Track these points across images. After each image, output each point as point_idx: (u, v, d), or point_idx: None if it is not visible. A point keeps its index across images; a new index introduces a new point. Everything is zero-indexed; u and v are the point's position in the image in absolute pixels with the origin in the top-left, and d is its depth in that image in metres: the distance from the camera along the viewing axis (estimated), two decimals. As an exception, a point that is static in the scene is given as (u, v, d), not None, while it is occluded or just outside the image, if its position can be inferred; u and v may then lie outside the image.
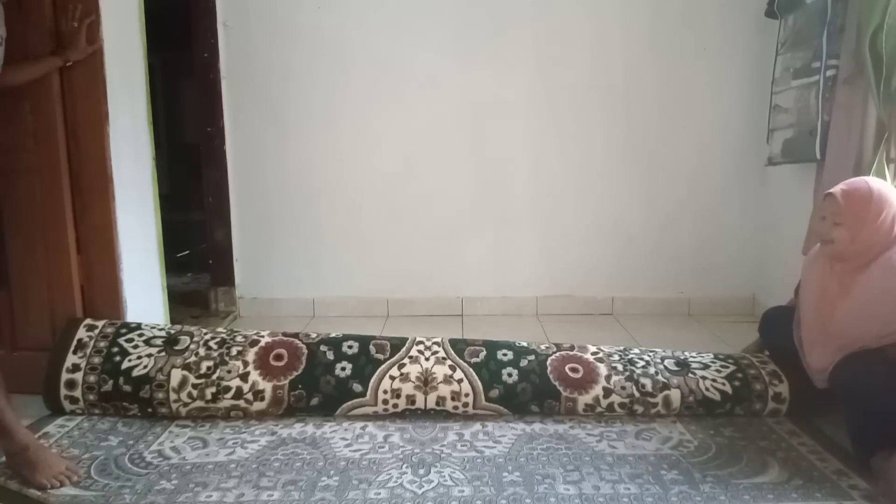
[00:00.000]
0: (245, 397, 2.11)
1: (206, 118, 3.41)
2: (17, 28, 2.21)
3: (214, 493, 1.67)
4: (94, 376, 2.14)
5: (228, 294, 3.55)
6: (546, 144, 3.45)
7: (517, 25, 3.35)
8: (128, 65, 2.51)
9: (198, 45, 3.36)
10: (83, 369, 2.15)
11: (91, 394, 2.12)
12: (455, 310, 3.55)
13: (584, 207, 3.49)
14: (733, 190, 3.48)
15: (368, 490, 1.68)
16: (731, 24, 3.34)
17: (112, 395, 2.12)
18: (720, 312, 3.50)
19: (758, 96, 3.30)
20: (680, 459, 1.86)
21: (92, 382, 2.13)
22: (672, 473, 1.78)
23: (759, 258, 3.48)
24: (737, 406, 2.14)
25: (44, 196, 2.28)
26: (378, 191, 3.48)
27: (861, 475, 1.76)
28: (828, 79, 2.61)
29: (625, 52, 3.37)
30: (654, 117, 3.42)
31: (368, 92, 3.39)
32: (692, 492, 1.68)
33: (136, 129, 2.57)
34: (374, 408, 2.12)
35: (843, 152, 2.48)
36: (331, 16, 3.33)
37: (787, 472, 1.79)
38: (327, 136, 3.43)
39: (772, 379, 2.18)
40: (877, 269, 1.80)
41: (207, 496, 1.66)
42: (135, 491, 1.68)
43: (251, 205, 3.51)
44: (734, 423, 2.10)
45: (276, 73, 3.38)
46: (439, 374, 2.16)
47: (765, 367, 2.22)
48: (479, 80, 3.39)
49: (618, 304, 3.56)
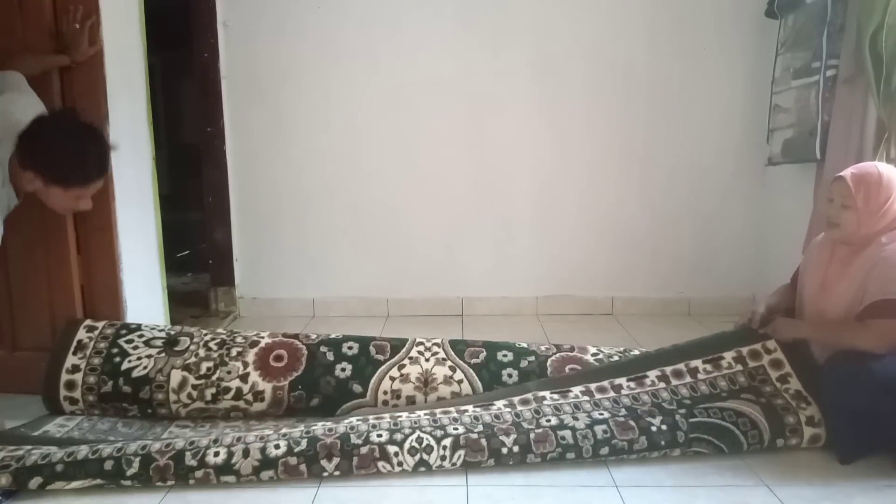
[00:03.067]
0: (245, 398, 2.11)
1: (206, 118, 3.41)
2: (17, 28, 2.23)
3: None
4: (93, 377, 2.14)
5: (228, 294, 3.55)
6: (546, 144, 3.45)
7: (517, 26, 3.35)
8: (128, 65, 2.51)
9: (198, 45, 3.36)
10: (83, 370, 2.15)
11: (91, 395, 2.12)
12: (455, 310, 3.55)
13: (584, 207, 3.49)
14: (733, 190, 3.48)
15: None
16: (731, 24, 3.34)
17: (112, 395, 2.12)
18: (720, 312, 3.49)
19: (758, 96, 3.30)
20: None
21: (92, 383, 2.13)
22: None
23: (759, 258, 3.48)
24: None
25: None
26: (378, 191, 3.48)
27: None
28: (828, 79, 2.61)
29: (625, 52, 3.37)
30: (654, 117, 3.42)
31: (368, 92, 3.39)
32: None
33: (136, 129, 2.57)
34: (375, 409, 2.12)
35: (843, 152, 2.48)
36: (331, 16, 3.33)
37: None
38: (327, 136, 3.43)
39: (798, 403, 1.95)
40: (870, 250, 1.83)
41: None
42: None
43: (251, 205, 3.51)
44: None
45: (276, 73, 3.38)
46: (439, 375, 2.16)
47: (787, 390, 1.99)
48: (479, 80, 3.38)
49: (618, 304, 3.56)
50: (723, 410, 1.92)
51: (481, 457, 1.80)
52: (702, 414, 1.91)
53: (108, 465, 1.71)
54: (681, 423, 1.88)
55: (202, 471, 1.72)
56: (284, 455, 1.76)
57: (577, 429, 1.85)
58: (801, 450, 1.93)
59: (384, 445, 1.79)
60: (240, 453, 1.75)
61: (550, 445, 1.82)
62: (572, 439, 1.83)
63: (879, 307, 1.75)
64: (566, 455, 1.82)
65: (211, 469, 1.72)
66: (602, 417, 1.90)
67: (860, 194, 1.83)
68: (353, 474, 1.76)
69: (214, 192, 3.48)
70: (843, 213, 1.86)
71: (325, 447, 1.77)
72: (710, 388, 2.02)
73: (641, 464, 1.88)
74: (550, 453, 1.81)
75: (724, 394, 2.00)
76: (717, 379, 2.04)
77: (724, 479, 1.79)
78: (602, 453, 1.83)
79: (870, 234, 1.84)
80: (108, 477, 1.69)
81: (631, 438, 1.84)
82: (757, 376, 2.03)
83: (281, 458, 1.75)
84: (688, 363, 2.09)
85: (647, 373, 2.07)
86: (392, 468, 1.77)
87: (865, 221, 1.83)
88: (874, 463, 1.85)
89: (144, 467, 1.71)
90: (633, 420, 1.88)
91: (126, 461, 1.72)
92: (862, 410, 1.77)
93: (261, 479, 1.73)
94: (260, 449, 1.76)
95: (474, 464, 1.80)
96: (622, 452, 1.84)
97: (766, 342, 2.07)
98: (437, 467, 1.79)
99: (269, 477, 1.74)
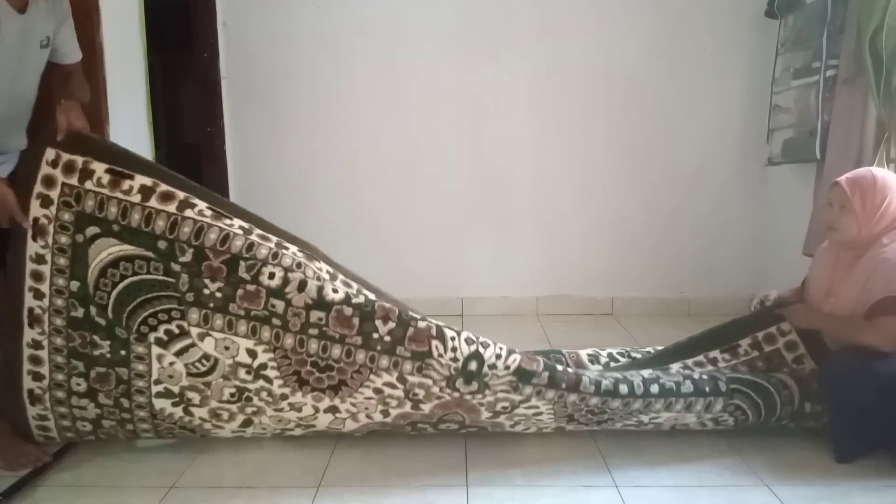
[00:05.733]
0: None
1: (206, 118, 3.41)
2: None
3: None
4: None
5: (228, 294, 3.54)
6: (546, 144, 3.44)
7: (518, 26, 3.35)
8: (128, 65, 2.52)
9: (198, 45, 3.35)
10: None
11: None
12: (455, 310, 3.55)
13: (585, 207, 3.49)
14: (733, 190, 3.48)
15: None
16: (731, 24, 3.34)
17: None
18: (720, 312, 3.47)
19: (758, 96, 3.30)
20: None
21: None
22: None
23: (759, 258, 3.48)
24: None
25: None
26: (378, 190, 3.48)
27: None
28: (828, 79, 2.61)
29: (625, 52, 3.37)
30: (654, 117, 3.42)
31: (368, 92, 3.39)
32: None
33: (136, 129, 2.58)
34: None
35: (843, 152, 2.48)
36: (331, 16, 3.33)
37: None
38: (327, 136, 3.43)
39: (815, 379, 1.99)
40: (872, 251, 1.85)
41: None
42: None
43: (251, 205, 3.43)
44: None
45: (276, 73, 3.38)
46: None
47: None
48: (479, 80, 3.38)
49: (618, 304, 3.56)
50: (756, 376, 1.96)
51: (536, 367, 1.77)
52: (737, 381, 1.94)
53: (161, 244, 1.71)
54: (720, 377, 1.93)
55: (254, 286, 1.70)
56: (341, 303, 1.73)
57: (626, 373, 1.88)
58: (802, 450, 1.94)
59: (442, 328, 1.78)
60: (296, 283, 1.72)
61: (603, 377, 1.82)
62: (622, 375, 1.85)
63: (883, 305, 1.77)
64: (619, 387, 1.80)
65: (263, 289, 1.70)
66: (647, 374, 1.91)
67: (856, 198, 1.86)
68: (403, 345, 1.72)
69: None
70: (842, 217, 1.89)
71: (383, 309, 1.75)
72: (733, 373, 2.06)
73: (642, 464, 1.88)
74: (604, 381, 1.80)
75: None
76: (736, 367, 2.08)
77: (724, 479, 1.79)
78: (653, 391, 1.83)
79: (870, 237, 1.86)
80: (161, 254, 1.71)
81: (677, 381, 1.87)
82: (773, 360, 2.07)
83: (336, 304, 1.72)
84: (707, 354, 2.12)
85: (669, 366, 2.09)
86: (444, 351, 1.73)
87: (864, 224, 1.86)
88: (874, 463, 1.85)
89: (198, 260, 1.71)
90: (677, 375, 1.93)
91: (179, 248, 1.71)
92: (862, 410, 1.79)
93: (309, 320, 1.71)
94: (318, 288, 1.73)
95: (528, 373, 1.76)
96: (671, 395, 1.84)
97: (780, 324, 2.09)
98: (489, 365, 1.74)
99: (318, 319, 1.71)
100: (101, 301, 1.73)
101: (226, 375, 1.77)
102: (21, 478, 1.74)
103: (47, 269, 1.73)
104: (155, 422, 1.85)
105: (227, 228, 1.77)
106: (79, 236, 1.72)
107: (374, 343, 1.74)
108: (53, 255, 1.72)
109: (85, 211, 1.71)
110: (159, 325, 1.73)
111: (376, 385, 1.77)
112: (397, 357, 1.75)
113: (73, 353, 1.76)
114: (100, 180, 1.71)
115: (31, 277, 1.73)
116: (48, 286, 1.73)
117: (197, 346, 1.74)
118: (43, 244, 1.72)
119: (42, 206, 1.71)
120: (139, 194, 1.72)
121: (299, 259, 1.79)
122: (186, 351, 1.75)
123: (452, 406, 1.81)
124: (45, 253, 1.72)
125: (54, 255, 1.72)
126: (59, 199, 1.71)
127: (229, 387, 1.78)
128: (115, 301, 1.73)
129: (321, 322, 1.72)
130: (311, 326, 1.73)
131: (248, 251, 1.74)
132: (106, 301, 1.73)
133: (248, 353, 1.74)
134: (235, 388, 1.78)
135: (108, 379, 1.77)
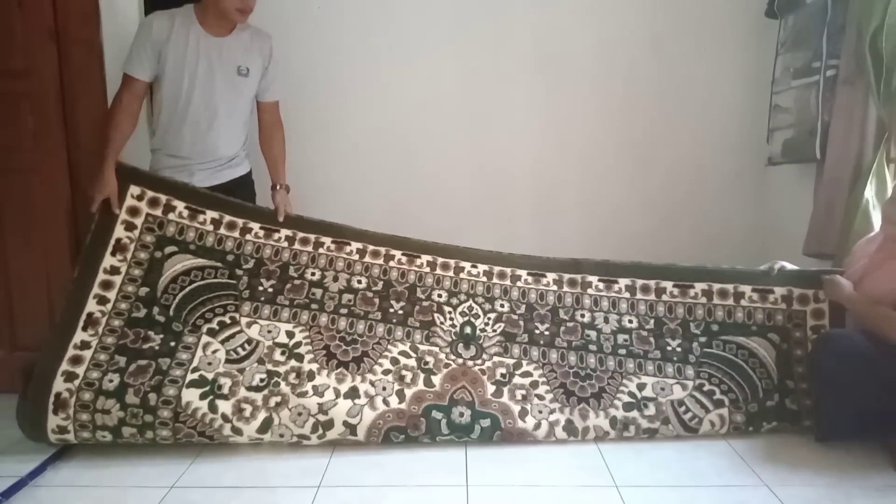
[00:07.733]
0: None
1: (206, 118, 3.42)
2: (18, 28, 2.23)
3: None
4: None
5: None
6: (546, 144, 3.44)
7: (518, 25, 3.34)
8: (128, 65, 2.51)
9: (198, 45, 3.36)
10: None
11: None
12: (455, 310, 3.54)
13: (585, 207, 3.49)
14: (733, 190, 3.48)
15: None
16: (731, 24, 3.34)
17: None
18: (720, 312, 3.50)
19: (758, 96, 3.29)
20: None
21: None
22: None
23: (759, 258, 3.46)
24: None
25: (44, 196, 2.29)
26: (378, 190, 3.47)
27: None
28: (828, 79, 2.61)
29: (625, 52, 3.37)
30: (654, 117, 3.41)
31: (368, 91, 3.38)
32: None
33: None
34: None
35: (843, 152, 2.49)
36: (331, 16, 3.33)
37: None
38: (327, 136, 3.43)
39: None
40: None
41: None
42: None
43: (251, 205, 3.50)
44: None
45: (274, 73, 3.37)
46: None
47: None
48: (479, 80, 3.38)
49: (618, 304, 3.55)
50: (738, 348, 2.17)
51: (517, 330, 2.25)
52: (719, 347, 2.18)
53: (229, 256, 2.23)
54: (695, 349, 2.19)
55: (300, 280, 2.24)
56: (364, 289, 2.26)
57: (602, 332, 2.24)
58: (802, 450, 1.94)
59: (442, 305, 2.27)
60: (331, 277, 2.27)
61: (576, 337, 2.23)
62: (596, 339, 2.22)
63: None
64: (588, 346, 2.20)
65: (307, 282, 2.24)
66: (628, 327, 2.25)
67: None
68: (413, 316, 2.23)
69: (214, 192, 3.49)
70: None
71: (395, 293, 2.28)
72: (746, 317, 2.23)
73: (642, 464, 1.88)
74: (575, 342, 2.22)
75: (755, 327, 2.21)
76: (755, 310, 2.24)
77: (723, 479, 1.79)
78: (620, 353, 2.18)
79: None
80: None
81: (646, 349, 2.20)
82: (794, 319, 2.21)
83: (361, 290, 2.25)
84: (737, 286, 2.28)
85: (693, 283, 2.31)
86: (444, 320, 2.24)
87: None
88: (874, 463, 1.85)
89: (258, 266, 2.24)
90: (653, 338, 2.22)
91: (244, 258, 2.24)
92: (856, 398, 1.83)
93: (341, 302, 2.22)
94: (346, 279, 2.27)
95: (511, 335, 2.23)
96: (638, 357, 2.18)
97: (819, 291, 2.20)
98: (480, 329, 2.23)
99: (348, 300, 2.22)
100: (167, 302, 2.10)
101: (261, 359, 2.07)
102: (21, 478, 1.74)
103: (119, 278, 2.08)
104: (176, 425, 1.89)
105: (276, 244, 2.31)
106: (157, 253, 2.14)
107: (391, 316, 2.23)
108: (129, 266, 2.10)
109: (166, 235, 2.16)
110: (214, 318, 2.11)
111: (393, 354, 2.16)
112: (409, 327, 2.23)
113: (119, 350, 1.99)
114: (180, 213, 2.20)
115: (99, 286, 2.04)
116: (115, 293, 2.06)
117: (244, 332, 2.11)
118: (121, 258, 2.10)
119: (126, 230, 2.12)
120: (211, 225, 2.23)
121: (332, 255, 2.33)
122: (233, 337, 2.10)
123: (459, 377, 2.13)
124: (121, 265, 2.09)
125: (130, 266, 2.10)
126: (143, 224, 2.15)
127: (261, 372, 2.03)
128: (180, 300, 2.11)
129: (350, 303, 2.23)
130: (342, 307, 2.23)
131: (293, 259, 2.29)
132: (171, 301, 2.10)
133: (287, 334, 2.15)
134: (266, 374, 2.04)
135: (146, 371, 1.96)
